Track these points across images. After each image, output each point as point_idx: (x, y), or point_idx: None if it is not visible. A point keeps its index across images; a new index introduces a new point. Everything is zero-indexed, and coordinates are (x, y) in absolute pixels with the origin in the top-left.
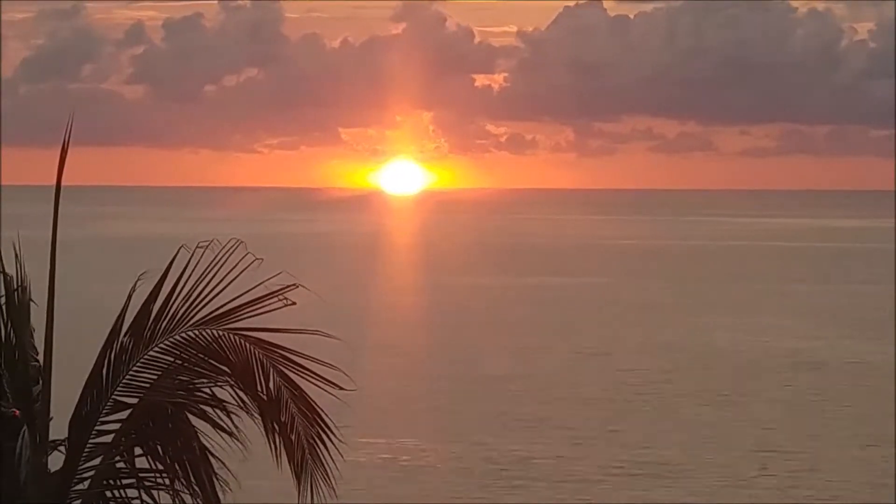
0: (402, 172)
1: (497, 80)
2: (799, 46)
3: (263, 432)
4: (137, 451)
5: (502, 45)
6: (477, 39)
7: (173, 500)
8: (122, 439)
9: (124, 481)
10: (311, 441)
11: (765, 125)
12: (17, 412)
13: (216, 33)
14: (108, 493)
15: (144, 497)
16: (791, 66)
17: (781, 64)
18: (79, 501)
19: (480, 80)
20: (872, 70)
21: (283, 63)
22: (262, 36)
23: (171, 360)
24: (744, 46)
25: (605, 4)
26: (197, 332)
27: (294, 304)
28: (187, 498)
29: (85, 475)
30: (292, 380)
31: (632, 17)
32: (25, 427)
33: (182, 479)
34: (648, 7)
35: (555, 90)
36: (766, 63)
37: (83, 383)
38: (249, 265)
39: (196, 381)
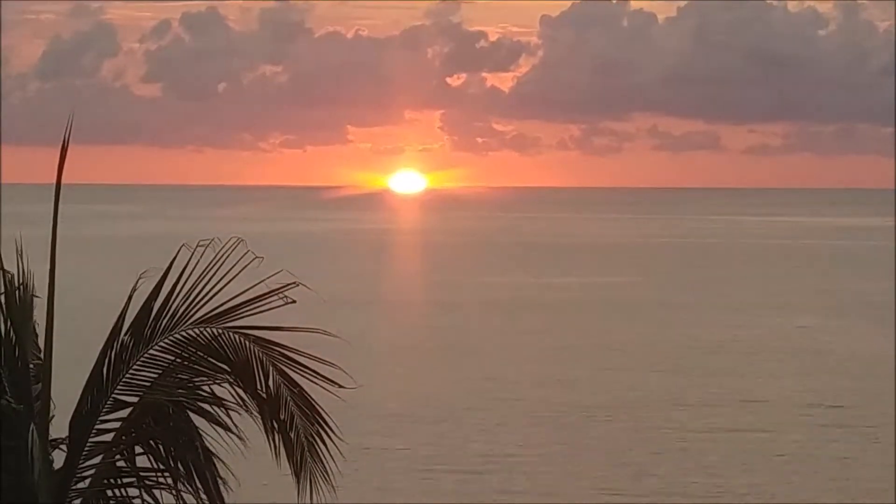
0: (410, 171)
1: (507, 78)
2: (819, 45)
3: (263, 431)
4: (138, 449)
5: (515, 43)
6: (491, 38)
7: (176, 499)
8: (123, 438)
9: (125, 480)
10: (311, 439)
11: (772, 123)
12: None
13: (236, 31)
14: (109, 492)
15: (145, 496)
16: (807, 64)
17: (797, 62)
18: (79, 500)
19: (491, 78)
20: (890, 67)
21: (298, 61)
22: (281, 34)
23: (172, 358)
24: (761, 45)
25: (616, 3)
26: (197, 330)
27: (294, 301)
28: (188, 497)
29: (85, 474)
30: (292, 378)
31: (655, 16)
32: (33, 425)
33: (183, 478)
34: (668, 6)
35: (564, 88)
36: (780, 61)
37: (84, 382)
38: (249, 263)
39: (196, 379)
